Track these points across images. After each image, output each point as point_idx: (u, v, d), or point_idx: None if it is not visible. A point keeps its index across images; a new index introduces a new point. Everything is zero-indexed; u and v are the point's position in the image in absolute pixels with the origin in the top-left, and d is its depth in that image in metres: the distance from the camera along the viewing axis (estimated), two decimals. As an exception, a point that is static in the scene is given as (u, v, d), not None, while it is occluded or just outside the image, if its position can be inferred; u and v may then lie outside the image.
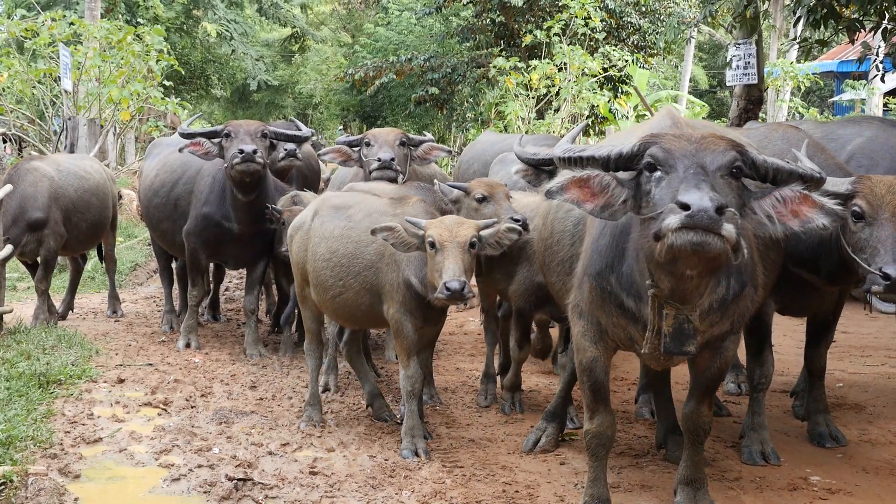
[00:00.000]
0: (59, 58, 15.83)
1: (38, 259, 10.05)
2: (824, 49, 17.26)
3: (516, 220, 6.74)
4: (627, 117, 22.37)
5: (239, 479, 5.75)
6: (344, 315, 6.86)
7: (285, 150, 9.66)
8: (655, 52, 24.26)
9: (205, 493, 5.62)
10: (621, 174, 4.47)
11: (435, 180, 7.93)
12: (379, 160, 8.07)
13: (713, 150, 4.22)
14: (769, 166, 4.39)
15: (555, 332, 8.84)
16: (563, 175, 4.55)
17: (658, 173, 4.23)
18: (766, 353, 6.43)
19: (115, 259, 11.89)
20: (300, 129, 9.67)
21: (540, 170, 7.65)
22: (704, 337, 4.78)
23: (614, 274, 4.81)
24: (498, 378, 7.97)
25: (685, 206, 3.88)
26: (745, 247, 4.16)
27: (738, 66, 14.03)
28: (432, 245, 5.86)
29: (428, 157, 8.67)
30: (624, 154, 4.40)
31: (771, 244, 5.65)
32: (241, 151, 8.65)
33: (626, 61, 19.86)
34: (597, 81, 18.81)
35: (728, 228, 3.89)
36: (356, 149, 8.52)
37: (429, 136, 9.08)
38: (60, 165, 10.38)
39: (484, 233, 6.06)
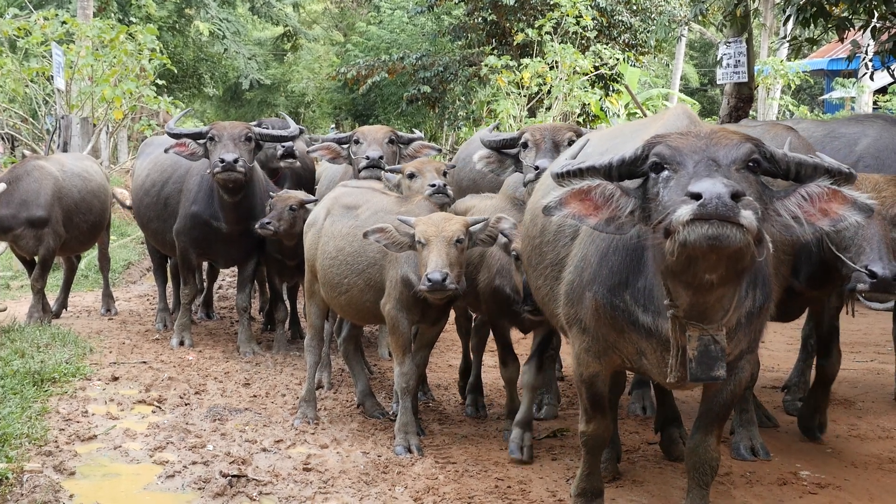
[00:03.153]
0: (51, 57, 15.81)
1: (36, 257, 10.08)
2: (814, 47, 17.33)
3: (432, 185, 7.07)
4: (619, 115, 22.41)
5: (233, 476, 5.79)
6: (350, 311, 6.95)
7: (282, 147, 9.61)
8: (646, 50, 24.30)
9: (199, 489, 5.65)
10: (626, 183, 4.07)
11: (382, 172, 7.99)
12: (368, 158, 8.08)
13: (726, 143, 3.81)
14: (790, 161, 3.95)
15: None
16: (561, 187, 4.14)
17: (666, 173, 3.82)
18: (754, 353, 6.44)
19: (109, 258, 11.95)
20: (289, 126, 9.65)
21: (504, 154, 7.57)
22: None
23: (629, 290, 4.38)
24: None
25: (696, 196, 3.49)
26: (769, 241, 3.77)
27: (728, 65, 14.06)
28: (419, 241, 5.90)
29: (418, 156, 8.67)
30: (627, 159, 3.99)
31: (783, 258, 5.51)
32: (223, 161, 8.65)
33: (618, 59, 19.89)
34: (588, 80, 18.84)
35: (747, 216, 3.49)
36: (345, 146, 8.52)
37: (418, 133, 9.11)
38: (65, 166, 10.44)
39: (473, 228, 6.06)
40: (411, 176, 7.40)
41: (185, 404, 7.47)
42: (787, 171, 3.98)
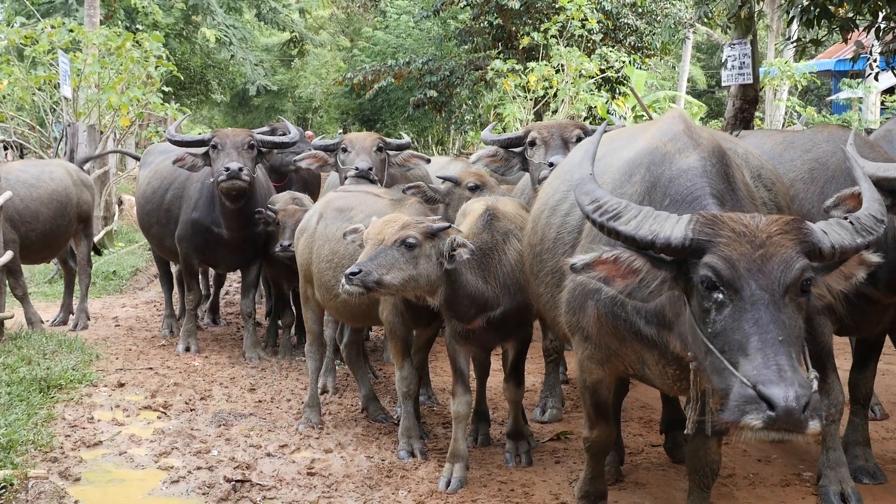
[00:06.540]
0: (58, 65, 15.87)
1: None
2: (819, 48, 17.28)
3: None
4: (625, 118, 22.42)
5: (237, 481, 5.82)
6: (346, 314, 6.94)
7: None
8: (652, 52, 24.32)
9: (203, 494, 5.68)
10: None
11: (420, 182, 7.91)
12: (357, 169, 7.94)
13: (780, 258, 3.61)
14: (837, 251, 3.75)
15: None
16: (590, 252, 4.05)
17: (719, 296, 3.64)
18: (831, 379, 5.66)
19: (88, 268, 11.29)
20: (289, 130, 9.64)
21: (510, 153, 7.55)
22: None
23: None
24: None
25: (769, 403, 3.34)
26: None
27: (733, 67, 14.01)
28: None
29: (406, 165, 8.55)
30: (672, 245, 3.73)
31: None
32: (227, 169, 8.66)
33: (623, 62, 19.88)
34: (594, 83, 18.84)
35: (814, 426, 3.37)
36: (333, 153, 8.46)
37: (406, 138, 9.04)
38: (9, 174, 10.00)
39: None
40: (475, 188, 7.35)
41: (191, 410, 7.50)
42: (833, 260, 3.82)
